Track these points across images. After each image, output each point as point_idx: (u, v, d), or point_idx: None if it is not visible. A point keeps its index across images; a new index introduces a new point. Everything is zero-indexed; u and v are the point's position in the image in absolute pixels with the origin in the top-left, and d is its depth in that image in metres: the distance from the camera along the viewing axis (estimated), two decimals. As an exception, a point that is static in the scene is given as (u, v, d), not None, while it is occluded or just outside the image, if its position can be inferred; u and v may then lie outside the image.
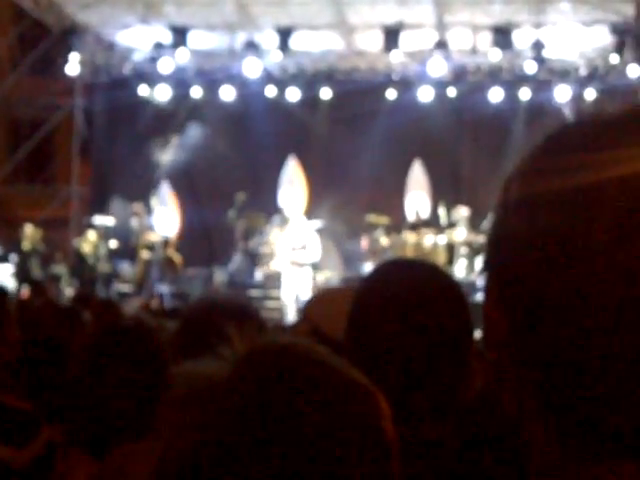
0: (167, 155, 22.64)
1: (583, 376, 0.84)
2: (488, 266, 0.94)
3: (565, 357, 0.84)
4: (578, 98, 20.26)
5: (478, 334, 1.66)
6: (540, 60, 19.67)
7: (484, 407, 1.89)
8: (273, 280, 18.33)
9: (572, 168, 0.86)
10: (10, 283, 17.40)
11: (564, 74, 20.99)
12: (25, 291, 16.30)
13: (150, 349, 2.80)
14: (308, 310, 2.97)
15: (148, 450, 1.77)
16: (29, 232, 20.37)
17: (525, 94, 20.76)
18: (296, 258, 17.39)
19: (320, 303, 2.96)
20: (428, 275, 1.95)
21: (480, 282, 15.92)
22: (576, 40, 20.09)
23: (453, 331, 1.84)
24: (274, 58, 20.80)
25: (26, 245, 20.17)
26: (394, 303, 1.85)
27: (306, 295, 17.20)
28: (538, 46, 19.39)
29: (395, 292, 1.87)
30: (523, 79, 20.69)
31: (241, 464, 1.08)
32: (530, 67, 19.94)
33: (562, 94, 20.56)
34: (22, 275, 19.05)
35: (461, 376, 1.86)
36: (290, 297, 17.20)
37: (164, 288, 19.12)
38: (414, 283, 1.90)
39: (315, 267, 18.70)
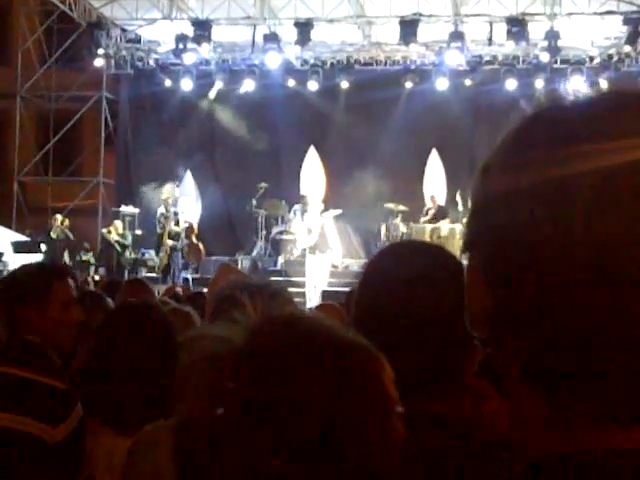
0: (190, 145, 23.05)
1: (567, 344, 0.87)
2: (471, 247, 0.96)
3: (548, 328, 0.87)
4: (592, 87, 20.41)
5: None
6: (555, 50, 19.86)
7: (485, 385, 1.90)
8: (294, 266, 18.68)
9: (548, 161, 0.89)
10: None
11: (578, 63, 21.21)
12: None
13: (159, 325, 2.91)
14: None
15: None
16: (58, 222, 20.87)
17: (540, 83, 20.94)
18: (314, 245, 17.71)
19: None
20: (431, 253, 2.03)
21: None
22: (590, 30, 20.33)
23: (456, 307, 1.89)
24: (294, 50, 21.18)
25: (55, 234, 20.63)
26: (397, 278, 1.90)
27: (323, 281, 17.64)
28: (552, 36, 19.59)
29: (399, 268, 1.93)
30: (538, 69, 20.86)
31: (254, 425, 1.14)
32: (545, 56, 20.19)
33: (576, 83, 20.79)
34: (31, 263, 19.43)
35: (464, 351, 1.88)
36: (310, 283, 17.51)
37: (188, 275, 19.60)
38: (418, 260, 1.96)
39: (333, 254, 19.09)
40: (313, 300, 16.99)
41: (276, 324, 1.25)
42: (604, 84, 20.40)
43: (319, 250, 17.77)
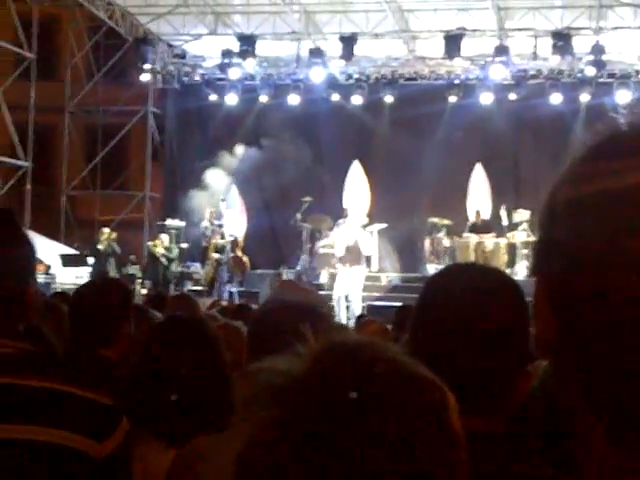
0: (235, 159, 23.23)
1: (629, 378, 0.83)
2: (537, 269, 0.94)
3: (612, 359, 0.84)
4: (638, 101, 20.28)
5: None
6: (600, 64, 19.73)
7: (537, 405, 1.94)
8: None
9: (619, 173, 0.86)
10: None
11: (624, 77, 21.05)
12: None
13: (205, 339, 2.93)
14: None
15: (224, 443, 1.90)
16: (105, 235, 21.05)
17: (585, 97, 20.79)
18: (352, 259, 17.69)
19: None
20: (488, 276, 2.00)
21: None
22: (636, 44, 20.18)
23: (511, 331, 1.87)
24: (338, 64, 21.28)
25: (102, 247, 20.86)
26: (454, 302, 1.89)
27: (357, 294, 17.61)
28: (598, 50, 19.48)
29: (456, 292, 1.92)
30: (583, 83, 20.72)
31: (319, 458, 1.12)
32: (590, 71, 20.09)
33: (622, 97, 20.67)
34: (99, 276, 19.72)
35: (516, 374, 1.88)
36: (339, 296, 17.45)
37: (233, 288, 19.73)
38: (475, 284, 1.93)
39: (374, 268, 19.09)
40: (342, 312, 16.98)
41: (340, 351, 1.22)
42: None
43: (350, 263, 17.69)
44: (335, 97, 22.47)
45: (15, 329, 2.11)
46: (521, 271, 18.68)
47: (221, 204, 20.94)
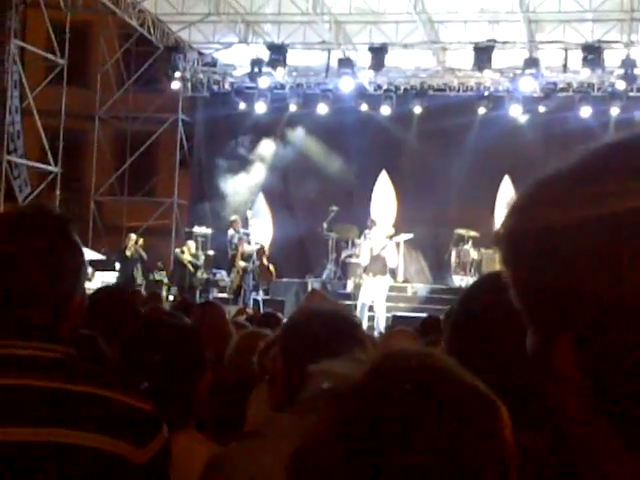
0: (263, 168, 23.32)
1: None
2: (555, 330, 0.86)
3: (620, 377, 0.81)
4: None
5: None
6: (631, 78, 19.64)
7: None
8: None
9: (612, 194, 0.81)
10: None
11: (655, 92, 20.95)
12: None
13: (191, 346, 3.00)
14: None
15: (271, 447, 1.99)
16: (132, 241, 21.16)
17: (615, 111, 20.69)
18: (377, 269, 17.66)
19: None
20: None
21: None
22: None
23: None
24: (368, 74, 21.31)
25: (129, 253, 20.98)
26: (494, 312, 1.85)
27: (381, 304, 17.58)
28: (629, 64, 19.37)
29: (492, 302, 1.85)
30: (613, 96, 20.63)
31: (373, 460, 1.14)
32: (620, 84, 20.01)
33: (653, 112, 20.58)
34: (125, 282, 19.84)
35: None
36: (363, 305, 17.42)
37: (259, 296, 19.77)
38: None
39: (400, 278, 19.05)
40: (364, 322, 16.92)
41: (400, 359, 1.24)
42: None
43: (374, 273, 17.66)
44: (364, 107, 22.51)
45: (60, 335, 2.14)
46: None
47: (248, 212, 21.00)
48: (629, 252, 0.79)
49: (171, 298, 18.65)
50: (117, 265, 21.20)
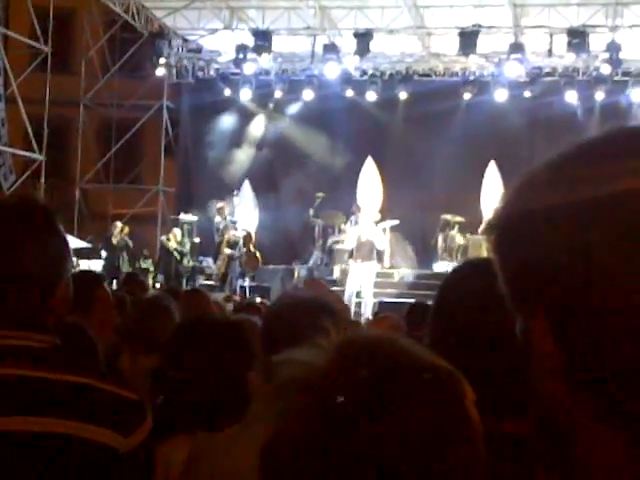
0: (249, 154, 23.28)
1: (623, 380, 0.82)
2: (530, 302, 0.90)
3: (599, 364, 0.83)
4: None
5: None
6: (616, 62, 19.61)
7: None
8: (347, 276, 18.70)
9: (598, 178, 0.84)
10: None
11: (639, 76, 20.96)
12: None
13: (238, 339, 3.06)
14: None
15: (248, 434, 2.02)
16: (118, 229, 21.14)
17: (600, 95, 20.70)
18: (364, 255, 17.66)
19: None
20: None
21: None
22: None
23: None
24: (353, 60, 21.26)
25: (115, 241, 20.93)
26: (471, 298, 1.85)
27: (369, 290, 17.60)
28: (614, 48, 19.34)
29: (473, 288, 1.86)
30: (598, 81, 20.62)
31: (341, 447, 1.15)
32: (605, 69, 20.00)
33: (637, 95, 20.59)
34: (111, 269, 19.83)
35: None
36: (351, 292, 17.42)
37: (245, 283, 19.75)
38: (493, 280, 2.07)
39: (386, 264, 19.05)
40: (352, 308, 16.92)
41: (360, 345, 1.26)
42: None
43: (361, 259, 17.65)
44: (349, 93, 22.48)
45: (45, 324, 2.13)
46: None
47: (234, 199, 20.97)
48: (597, 236, 0.82)
49: (157, 286, 18.60)
50: (103, 253, 21.15)
